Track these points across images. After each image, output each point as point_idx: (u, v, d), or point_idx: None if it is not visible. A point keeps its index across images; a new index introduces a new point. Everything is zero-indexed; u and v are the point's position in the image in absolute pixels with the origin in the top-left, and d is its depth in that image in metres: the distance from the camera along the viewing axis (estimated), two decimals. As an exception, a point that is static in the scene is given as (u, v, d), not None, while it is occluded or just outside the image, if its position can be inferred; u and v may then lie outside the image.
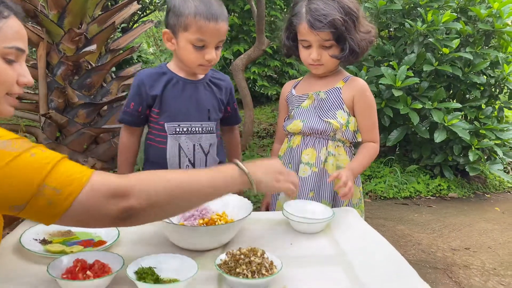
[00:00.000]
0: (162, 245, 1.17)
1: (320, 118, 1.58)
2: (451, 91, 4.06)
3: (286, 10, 5.62)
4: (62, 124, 3.08)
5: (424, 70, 3.66)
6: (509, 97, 4.06)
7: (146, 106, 1.50)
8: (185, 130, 1.50)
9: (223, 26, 1.41)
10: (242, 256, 1.01)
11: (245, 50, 4.79)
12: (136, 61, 5.75)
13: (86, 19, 3.21)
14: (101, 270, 0.98)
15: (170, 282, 0.96)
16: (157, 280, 0.96)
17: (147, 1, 6.88)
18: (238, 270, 0.98)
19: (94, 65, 3.32)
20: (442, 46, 3.63)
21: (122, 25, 5.52)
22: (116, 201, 0.83)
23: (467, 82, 3.81)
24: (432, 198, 3.87)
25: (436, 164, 3.98)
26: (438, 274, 2.58)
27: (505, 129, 3.85)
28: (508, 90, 4.06)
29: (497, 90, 4.07)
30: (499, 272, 2.62)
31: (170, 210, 0.93)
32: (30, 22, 3.40)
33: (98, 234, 1.21)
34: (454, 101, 3.96)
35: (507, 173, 4.41)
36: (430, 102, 3.65)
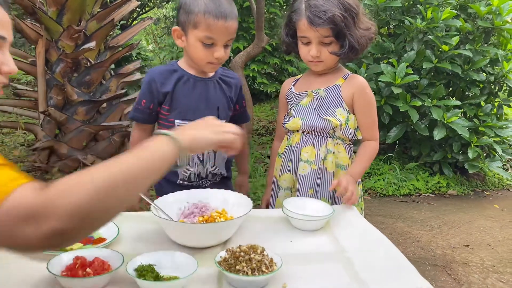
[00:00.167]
0: (162, 242, 1.17)
1: (319, 115, 1.57)
2: (451, 89, 4.05)
3: (285, 7, 5.61)
4: (61, 121, 3.08)
5: (423, 67, 3.65)
6: (508, 94, 4.06)
7: (158, 103, 1.51)
8: None
9: (233, 25, 1.41)
10: (242, 253, 1.01)
11: (244, 47, 4.78)
12: (135, 58, 5.74)
13: (85, 16, 3.21)
14: (100, 267, 0.98)
15: (170, 279, 0.97)
16: (157, 277, 0.96)
17: (146, -2, 6.87)
18: (238, 267, 0.98)
19: (93, 62, 3.31)
20: (442, 43, 3.62)
21: (121, 22, 5.51)
22: (33, 226, 0.65)
23: (467, 79, 3.81)
24: (431, 195, 3.87)
25: (435, 161, 3.98)
26: (437, 271, 2.59)
27: (504, 126, 3.85)
28: (507, 88, 4.05)
29: (496, 88, 4.07)
30: (498, 269, 2.63)
31: (104, 214, 0.74)
32: (29, 19, 3.40)
33: (98, 232, 1.20)
34: (454, 98, 3.95)
35: (506, 170, 4.41)
36: (429, 100, 3.65)
